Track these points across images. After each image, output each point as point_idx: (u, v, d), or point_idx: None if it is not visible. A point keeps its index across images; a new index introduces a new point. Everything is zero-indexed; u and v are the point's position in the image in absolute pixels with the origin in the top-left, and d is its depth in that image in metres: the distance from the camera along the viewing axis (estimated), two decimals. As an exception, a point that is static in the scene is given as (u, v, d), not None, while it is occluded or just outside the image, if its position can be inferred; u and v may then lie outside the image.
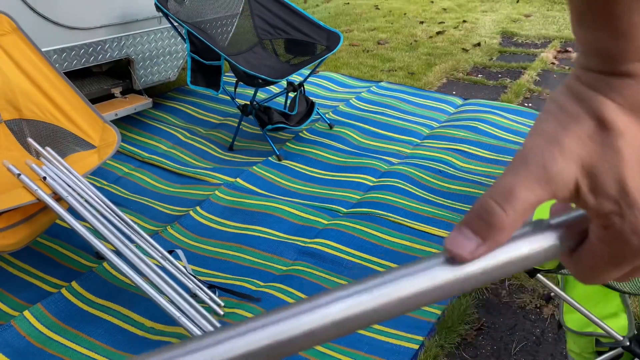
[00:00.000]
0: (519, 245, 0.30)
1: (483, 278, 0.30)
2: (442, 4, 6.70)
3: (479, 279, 0.29)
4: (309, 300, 0.28)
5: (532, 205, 0.29)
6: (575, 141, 0.29)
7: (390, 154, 3.11)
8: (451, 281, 0.29)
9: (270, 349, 0.27)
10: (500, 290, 2.13)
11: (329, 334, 0.27)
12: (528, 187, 0.29)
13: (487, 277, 0.30)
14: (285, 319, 0.27)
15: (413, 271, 0.29)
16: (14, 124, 2.25)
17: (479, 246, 0.29)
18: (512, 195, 0.29)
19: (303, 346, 0.27)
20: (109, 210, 2.02)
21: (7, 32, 2.23)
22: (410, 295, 0.28)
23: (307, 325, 0.27)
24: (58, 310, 1.97)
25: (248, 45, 3.48)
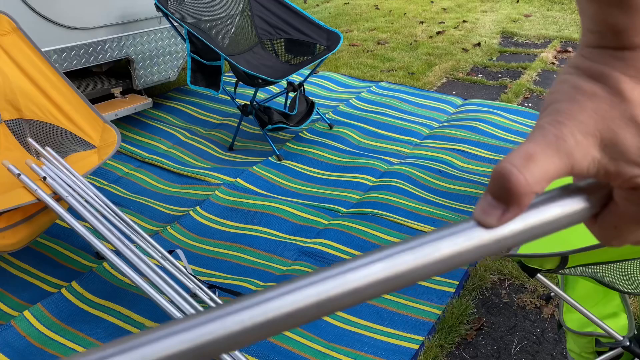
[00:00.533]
0: (549, 208, 0.31)
1: (515, 240, 0.30)
2: (442, 4, 6.70)
3: (512, 241, 0.30)
4: (352, 260, 0.28)
5: (550, 175, 0.30)
6: (591, 116, 0.30)
7: (390, 154, 3.11)
8: (485, 243, 0.30)
9: (318, 305, 0.28)
10: (500, 290, 2.13)
11: (371, 292, 0.28)
12: (548, 155, 0.29)
13: (517, 239, 0.30)
14: (332, 277, 0.28)
15: (449, 233, 0.29)
16: (14, 124, 2.25)
17: (504, 213, 0.29)
18: (532, 161, 0.29)
19: (348, 304, 0.28)
20: (109, 210, 2.02)
21: (7, 32, 2.23)
22: (447, 256, 0.29)
23: (352, 283, 0.28)
24: (58, 310, 1.97)
25: (248, 45, 3.48)
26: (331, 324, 1.93)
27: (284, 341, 1.84)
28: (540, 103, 3.86)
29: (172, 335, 0.25)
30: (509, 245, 0.30)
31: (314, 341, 1.85)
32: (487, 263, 2.23)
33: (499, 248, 0.30)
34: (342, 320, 1.95)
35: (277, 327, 0.27)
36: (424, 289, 2.10)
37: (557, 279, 1.73)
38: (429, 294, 2.06)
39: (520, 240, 0.30)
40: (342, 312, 1.99)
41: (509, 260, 2.24)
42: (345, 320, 1.95)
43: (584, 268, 1.23)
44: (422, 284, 2.12)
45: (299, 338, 1.86)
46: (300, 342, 1.84)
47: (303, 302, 0.27)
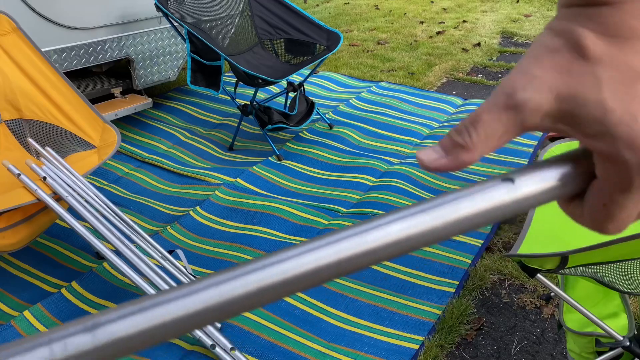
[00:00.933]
0: (551, 174, 0.31)
1: (535, 200, 0.31)
2: (442, 4, 6.70)
3: (533, 201, 0.31)
4: (376, 219, 0.29)
5: (498, 131, 0.31)
6: (548, 71, 0.30)
7: (390, 154, 3.11)
8: (504, 203, 0.30)
9: (339, 264, 0.27)
10: (500, 290, 2.13)
11: (391, 252, 0.29)
12: (494, 113, 0.30)
13: (538, 200, 0.31)
14: (351, 237, 0.28)
15: (469, 193, 0.30)
16: (14, 124, 2.25)
17: (440, 157, 0.31)
18: (478, 120, 0.31)
19: (368, 263, 0.28)
20: (109, 210, 2.02)
21: (7, 32, 2.23)
22: (467, 216, 0.29)
23: (371, 243, 0.28)
24: (58, 310, 1.97)
25: (248, 45, 3.48)
26: (331, 324, 1.93)
27: (284, 341, 1.84)
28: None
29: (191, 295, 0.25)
30: (528, 207, 0.31)
31: (314, 341, 1.85)
32: (487, 263, 2.23)
33: (518, 209, 0.30)
34: (342, 320, 1.95)
35: (295, 286, 0.27)
36: (423, 289, 2.10)
37: (557, 279, 1.73)
38: (429, 294, 2.06)
39: (540, 201, 0.31)
40: (342, 312, 1.98)
41: (509, 260, 2.24)
42: (345, 320, 1.95)
43: (584, 268, 1.23)
44: (422, 284, 2.12)
45: (299, 338, 1.86)
46: (300, 342, 1.84)
47: (323, 261, 0.27)
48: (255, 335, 1.84)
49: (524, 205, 0.30)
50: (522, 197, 0.30)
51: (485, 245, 2.34)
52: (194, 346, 1.78)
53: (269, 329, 1.87)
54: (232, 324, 1.87)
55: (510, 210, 0.30)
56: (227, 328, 1.86)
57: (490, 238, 2.39)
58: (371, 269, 2.19)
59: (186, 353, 1.76)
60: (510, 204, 0.30)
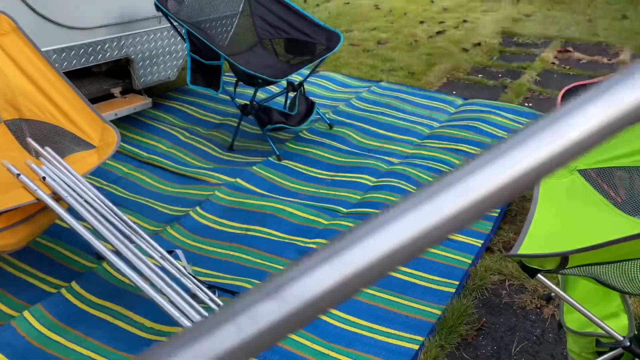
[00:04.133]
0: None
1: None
2: (442, 4, 6.70)
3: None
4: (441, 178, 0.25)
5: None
6: None
7: (391, 154, 3.11)
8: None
9: (404, 247, 0.24)
10: (501, 291, 2.12)
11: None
12: None
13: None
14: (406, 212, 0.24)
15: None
16: (13, 124, 2.25)
17: None
18: None
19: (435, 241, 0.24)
20: (109, 210, 2.01)
21: (7, 32, 2.23)
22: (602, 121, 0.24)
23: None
24: (58, 310, 1.97)
25: (248, 45, 3.47)
26: (331, 324, 1.93)
27: (283, 341, 1.83)
28: (541, 103, 3.86)
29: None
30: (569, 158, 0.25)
31: (314, 341, 1.85)
32: (487, 263, 2.23)
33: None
34: (342, 320, 1.95)
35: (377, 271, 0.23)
36: (423, 289, 2.09)
37: (557, 279, 1.73)
38: (429, 294, 2.06)
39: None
40: (342, 312, 1.98)
41: (509, 261, 2.24)
42: (345, 320, 1.95)
43: (584, 268, 1.23)
44: (422, 284, 2.12)
45: (299, 338, 1.86)
46: (300, 342, 1.84)
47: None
48: (255, 336, 1.83)
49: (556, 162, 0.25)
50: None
51: (485, 245, 2.33)
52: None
53: (269, 329, 1.87)
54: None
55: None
56: (226, 328, 1.86)
57: (491, 238, 2.39)
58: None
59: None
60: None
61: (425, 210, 0.23)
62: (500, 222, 2.51)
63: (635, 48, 4.89)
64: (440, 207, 0.23)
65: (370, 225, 0.24)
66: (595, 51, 4.89)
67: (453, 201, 0.24)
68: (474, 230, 2.42)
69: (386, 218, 0.24)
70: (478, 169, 0.24)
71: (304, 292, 0.21)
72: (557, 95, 3.86)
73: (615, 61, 4.62)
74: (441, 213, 0.23)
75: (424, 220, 0.23)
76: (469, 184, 0.24)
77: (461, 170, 0.24)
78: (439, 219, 0.23)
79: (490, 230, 2.42)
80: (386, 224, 0.23)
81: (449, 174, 0.24)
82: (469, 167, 0.24)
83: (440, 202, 0.23)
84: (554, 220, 1.47)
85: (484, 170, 0.24)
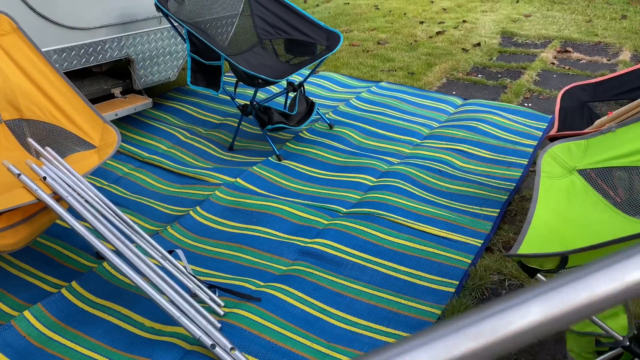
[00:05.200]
0: None
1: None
2: (442, 4, 6.71)
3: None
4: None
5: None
6: None
7: (390, 154, 3.11)
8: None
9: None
10: (500, 290, 2.13)
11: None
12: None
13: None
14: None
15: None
16: (14, 124, 2.25)
17: None
18: None
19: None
20: (109, 210, 2.02)
21: (7, 32, 2.23)
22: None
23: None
24: (58, 310, 1.97)
25: (248, 45, 3.48)
26: (331, 324, 1.93)
27: (284, 341, 1.84)
28: (540, 103, 3.86)
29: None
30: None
31: (314, 341, 1.85)
32: (487, 263, 2.23)
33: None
34: (342, 320, 1.95)
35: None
36: (423, 288, 2.10)
37: (557, 279, 1.73)
38: (429, 294, 2.07)
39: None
40: (342, 312, 1.99)
41: (509, 260, 2.24)
42: (345, 320, 1.95)
43: (584, 268, 1.23)
44: (422, 284, 2.12)
45: (299, 338, 1.86)
46: (300, 342, 1.84)
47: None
48: (255, 335, 1.84)
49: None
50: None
51: (485, 245, 2.34)
52: (194, 346, 1.78)
53: (269, 329, 1.87)
54: (232, 324, 1.87)
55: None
56: (227, 328, 1.86)
57: (490, 238, 2.40)
58: (370, 269, 2.19)
59: (186, 353, 1.76)
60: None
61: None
62: (500, 222, 2.52)
63: (635, 48, 4.89)
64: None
65: None
66: (595, 51, 4.89)
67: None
68: (474, 230, 2.42)
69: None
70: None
71: None
72: (556, 95, 3.87)
73: (614, 61, 4.62)
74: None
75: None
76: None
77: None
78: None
79: (490, 230, 2.42)
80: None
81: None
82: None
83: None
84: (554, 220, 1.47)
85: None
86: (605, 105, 3.51)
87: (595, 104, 3.13)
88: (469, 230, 2.42)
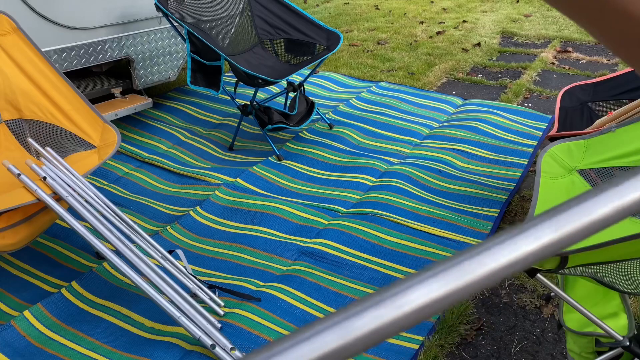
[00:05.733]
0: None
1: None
2: (442, 4, 6.71)
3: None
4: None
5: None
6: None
7: (390, 154, 3.11)
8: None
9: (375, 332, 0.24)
10: (500, 290, 2.13)
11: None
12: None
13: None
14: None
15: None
16: (14, 124, 2.25)
17: None
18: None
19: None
20: (109, 210, 2.02)
21: (7, 32, 2.23)
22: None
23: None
24: (58, 310, 1.97)
25: (248, 45, 3.48)
26: (331, 324, 1.93)
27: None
28: (540, 103, 3.86)
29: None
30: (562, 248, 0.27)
31: (314, 341, 1.85)
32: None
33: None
34: (342, 320, 1.95)
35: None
36: (424, 289, 2.09)
37: (557, 279, 1.73)
38: (429, 294, 2.06)
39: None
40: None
41: (509, 260, 2.24)
42: (345, 320, 1.95)
43: (584, 268, 1.23)
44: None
45: (299, 338, 1.86)
46: (300, 342, 1.84)
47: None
48: (255, 335, 1.84)
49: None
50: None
51: (485, 245, 2.33)
52: (194, 346, 1.78)
53: (269, 329, 1.87)
54: (232, 324, 1.87)
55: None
56: (227, 328, 1.86)
57: (490, 238, 2.39)
58: (370, 269, 2.19)
59: (186, 353, 1.76)
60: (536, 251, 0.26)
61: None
62: (500, 222, 2.52)
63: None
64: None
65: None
66: (595, 51, 4.89)
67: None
68: (474, 230, 2.42)
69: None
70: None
71: None
72: (556, 95, 3.87)
73: (614, 61, 4.62)
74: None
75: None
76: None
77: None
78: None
79: (490, 230, 2.42)
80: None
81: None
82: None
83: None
84: (554, 220, 1.47)
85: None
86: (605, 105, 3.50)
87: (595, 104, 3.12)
88: (469, 230, 2.42)
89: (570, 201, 0.26)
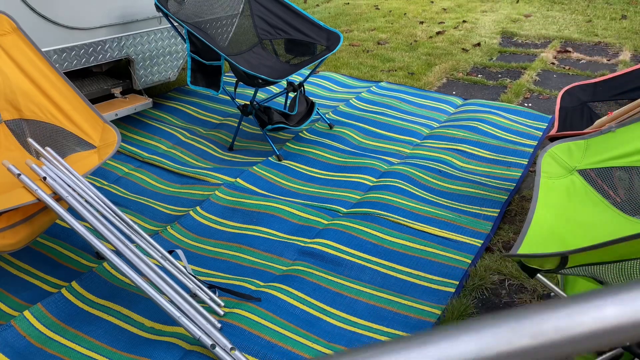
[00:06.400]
0: None
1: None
2: (442, 4, 6.71)
3: None
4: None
5: None
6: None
7: (390, 154, 3.11)
8: None
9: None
10: (500, 290, 2.13)
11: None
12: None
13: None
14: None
15: None
16: (14, 124, 2.25)
17: None
18: None
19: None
20: (109, 210, 2.02)
21: (7, 32, 2.23)
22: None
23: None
24: (58, 310, 1.97)
25: (248, 45, 3.48)
26: (331, 324, 1.93)
27: (284, 341, 1.84)
28: (540, 103, 3.86)
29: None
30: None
31: (314, 341, 1.85)
32: (487, 263, 2.23)
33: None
34: (342, 320, 1.95)
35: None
36: (423, 288, 2.10)
37: (557, 279, 1.73)
38: (429, 294, 2.06)
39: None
40: (342, 312, 1.99)
41: (509, 260, 2.24)
42: (345, 320, 1.95)
43: (584, 268, 1.23)
44: (422, 284, 2.12)
45: (299, 338, 1.86)
46: (300, 342, 1.84)
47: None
48: (255, 335, 1.84)
49: None
50: None
51: (485, 245, 2.34)
52: (194, 346, 1.78)
53: (269, 329, 1.87)
54: (232, 324, 1.87)
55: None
56: (227, 328, 1.86)
57: (490, 238, 2.40)
58: (370, 269, 2.19)
59: (186, 353, 1.76)
60: None
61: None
62: (500, 222, 2.52)
63: (635, 48, 4.89)
64: None
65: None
66: (595, 51, 4.89)
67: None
68: (474, 230, 2.42)
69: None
70: None
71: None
72: (556, 95, 3.87)
73: (614, 61, 4.62)
74: None
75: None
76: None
77: None
78: None
79: (490, 230, 2.42)
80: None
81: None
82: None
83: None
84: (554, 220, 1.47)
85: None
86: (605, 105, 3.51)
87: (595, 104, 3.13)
88: (469, 230, 2.42)
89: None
